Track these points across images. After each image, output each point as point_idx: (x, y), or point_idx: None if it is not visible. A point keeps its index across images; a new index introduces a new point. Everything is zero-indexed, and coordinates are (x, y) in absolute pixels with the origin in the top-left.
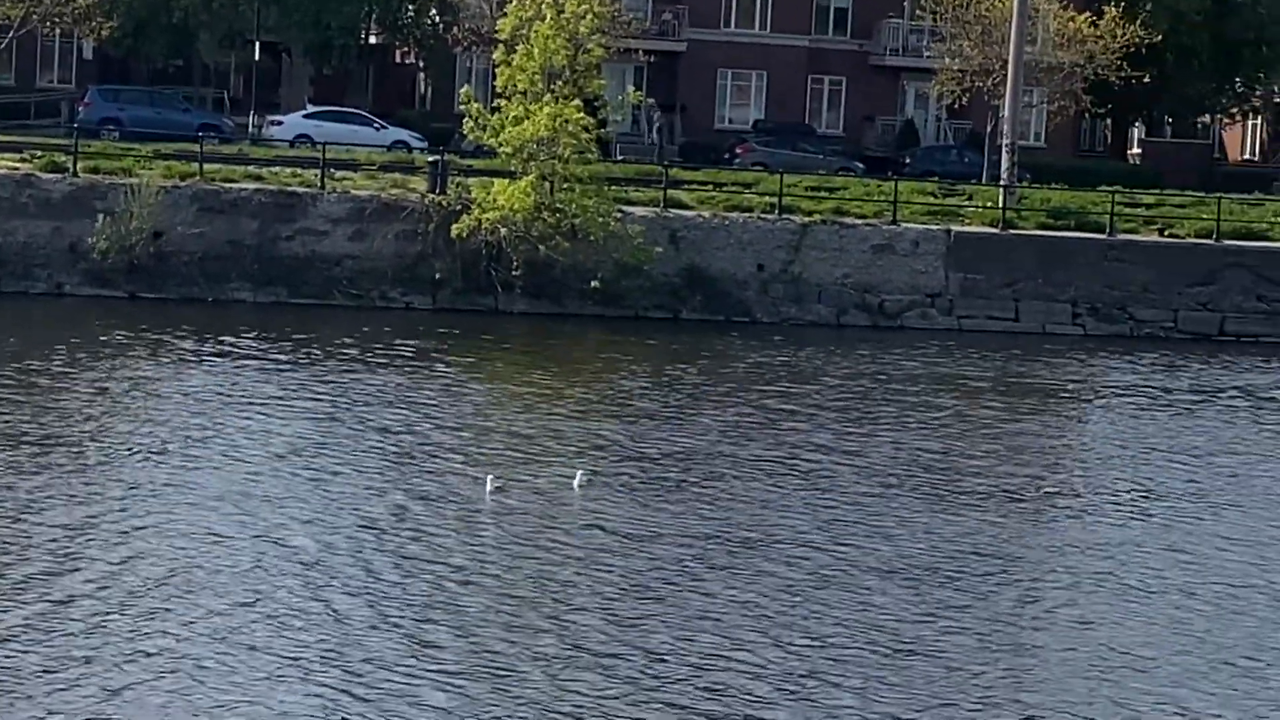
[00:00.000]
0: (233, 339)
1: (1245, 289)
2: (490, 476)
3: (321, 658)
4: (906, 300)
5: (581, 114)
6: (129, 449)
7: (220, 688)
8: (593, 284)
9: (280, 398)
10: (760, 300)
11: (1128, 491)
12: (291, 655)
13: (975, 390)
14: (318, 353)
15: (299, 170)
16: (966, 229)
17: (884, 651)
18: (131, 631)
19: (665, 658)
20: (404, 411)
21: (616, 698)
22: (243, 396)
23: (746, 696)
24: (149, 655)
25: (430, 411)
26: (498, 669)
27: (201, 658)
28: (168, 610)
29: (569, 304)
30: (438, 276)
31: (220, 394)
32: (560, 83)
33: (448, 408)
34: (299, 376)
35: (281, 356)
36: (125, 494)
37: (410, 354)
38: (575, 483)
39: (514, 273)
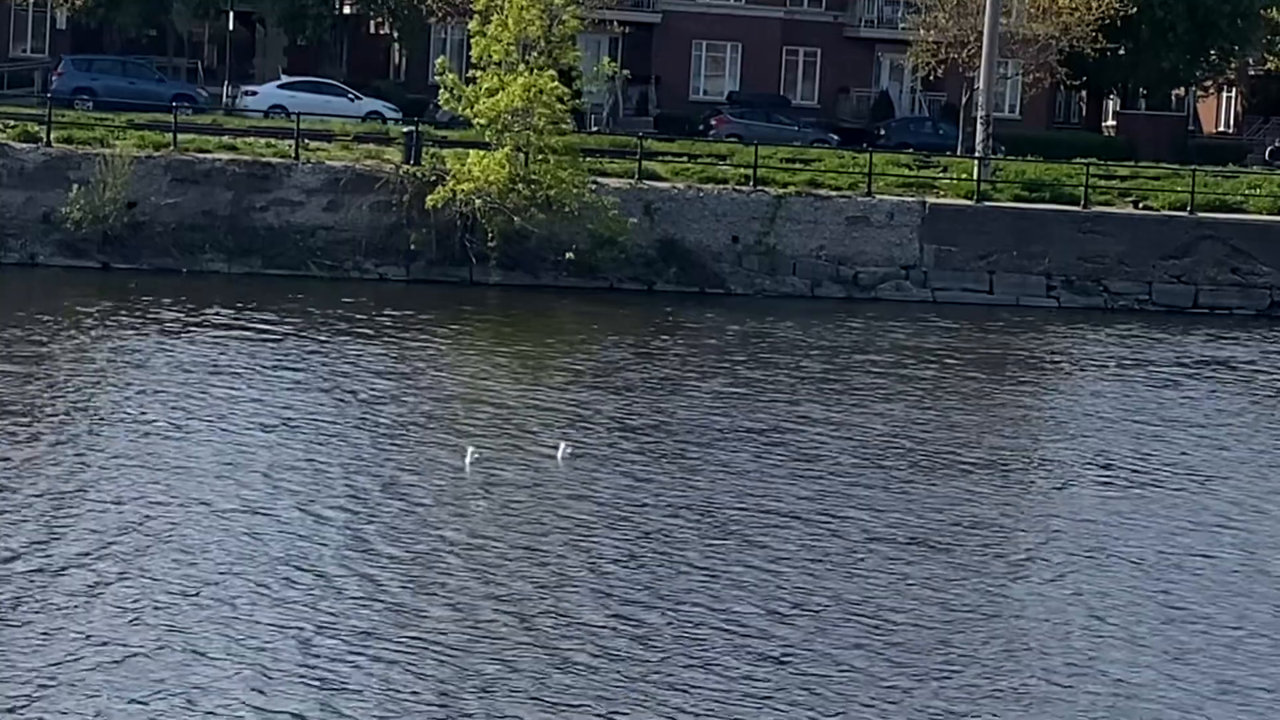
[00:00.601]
0: (209, 310)
1: (1219, 261)
2: (470, 448)
3: (309, 626)
4: (881, 272)
5: (556, 85)
6: (114, 420)
7: (208, 657)
8: (567, 255)
9: (260, 369)
10: (735, 272)
11: (1114, 462)
12: (280, 626)
13: (955, 362)
14: (295, 324)
15: (273, 141)
16: (941, 201)
17: (872, 621)
18: (120, 602)
19: (651, 629)
20: (385, 383)
21: (602, 670)
22: (223, 368)
23: (734, 667)
24: (138, 625)
25: (411, 383)
26: (482, 640)
27: (190, 629)
28: (155, 581)
29: (543, 275)
30: (412, 248)
31: (200, 365)
32: (535, 54)
33: (428, 379)
34: (278, 348)
35: (259, 328)
36: (112, 464)
37: (389, 325)
38: (559, 455)
39: (489, 244)
